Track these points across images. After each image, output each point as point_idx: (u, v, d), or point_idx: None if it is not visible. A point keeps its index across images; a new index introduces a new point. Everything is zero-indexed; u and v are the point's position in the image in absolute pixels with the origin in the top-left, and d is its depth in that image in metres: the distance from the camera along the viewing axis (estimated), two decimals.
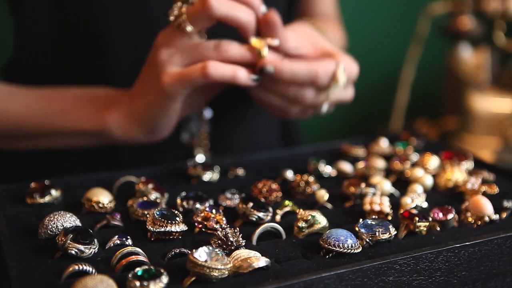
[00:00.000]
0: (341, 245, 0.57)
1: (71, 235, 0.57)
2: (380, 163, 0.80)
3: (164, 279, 0.51)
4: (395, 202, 0.69)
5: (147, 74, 0.75)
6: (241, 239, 0.59)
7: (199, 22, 0.71)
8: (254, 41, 0.73)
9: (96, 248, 0.58)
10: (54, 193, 0.69)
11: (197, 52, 0.72)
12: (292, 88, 0.75)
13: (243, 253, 0.56)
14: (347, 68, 0.77)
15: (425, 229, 0.62)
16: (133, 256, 0.56)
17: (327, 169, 0.79)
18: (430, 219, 0.63)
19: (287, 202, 0.68)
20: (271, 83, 0.75)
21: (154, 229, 0.60)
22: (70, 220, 0.61)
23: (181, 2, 0.71)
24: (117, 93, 0.80)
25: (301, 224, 0.62)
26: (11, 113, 0.81)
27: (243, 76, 0.72)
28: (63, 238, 0.56)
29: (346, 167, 0.79)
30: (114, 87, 0.82)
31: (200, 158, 0.90)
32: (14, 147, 0.86)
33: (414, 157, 0.83)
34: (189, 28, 0.71)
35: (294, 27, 0.79)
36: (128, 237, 0.60)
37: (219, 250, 0.54)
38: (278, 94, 0.76)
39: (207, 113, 0.89)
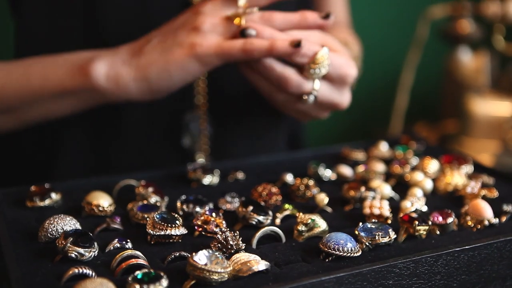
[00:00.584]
0: (340, 249, 0.57)
1: (71, 239, 0.57)
2: (380, 167, 0.80)
3: (164, 282, 0.51)
4: (395, 206, 0.69)
5: (175, 33, 0.74)
6: (241, 242, 0.59)
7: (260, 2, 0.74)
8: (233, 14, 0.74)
9: (96, 251, 0.58)
10: (54, 196, 0.69)
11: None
12: (275, 69, 0.73)
13: (243, 256, 0.56)
14: (340, 66, 0.74)
15: (424, 232, 0.62)
16: (133, 259, 0.56)
17: (327, 173, 0.79)
18: (430, 222, 0.63)
19: (287, 206, 0.68)
20: (255, 62, 0.73)
21: (154, 232, 0.60)
22: (70, 223, 0.61)
23: None
24: (97, 51, 0.78)
25: (301, 227, 0.62)
26: None
27: (281, 45, 0.71)
28: (63, 242, 0.57)
29: (346, 170, 0.80)
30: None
31: (201, 162, 0.90)
32: None
33: (414, 161, 0.83)
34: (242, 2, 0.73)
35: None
36: (128, 240, 0.60)
37: (219, 254, 0.54)
38: (263, 75, 0.74)
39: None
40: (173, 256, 0.58)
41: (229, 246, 0.58)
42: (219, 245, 0.58)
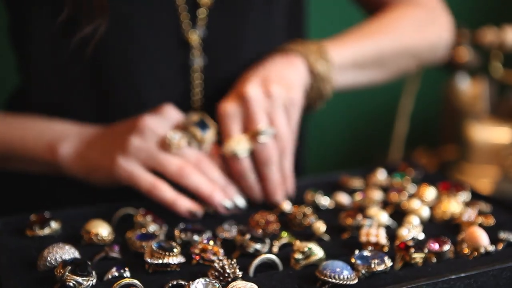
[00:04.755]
0: (337, 277, 0.58)
1: (69, 267, 0.57)
2: (377, 195, 0.80)
3: None
4: (392, 234, 0.69)
5: (109, 141, 0.80)
6: (238, 270, 0.59)
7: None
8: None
9: (94, 280, 0.58)
10: (54, 225, 0.70)
11: (159, 164, 0.76)
12: None
13: (239, 284, 0.56)
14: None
15: (421, 260, 0.63)
16: None
17: (324, 201, 0.79)
18: (426, 250, 0.63)
19: (284, 234, 0.69)
20: None
21: (152, 261, 0.61)
22: (69, 252, 0.62)
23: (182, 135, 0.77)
24: (71, 129, 0.85)
25: (298, 255, 0.63)
26: None
27: (183, 205, 0.75)
28: (61, 270, 0.57)
29: (344, 198, 0.80)
30: (116, 122, 0.84)
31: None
32: None
33: (412, 188, 0.83)
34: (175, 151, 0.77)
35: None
36: (126, 268, 0.61)
37: (216, 282, 0.55)
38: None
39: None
40: (170, 284, 0.58)
41: (226, 274, 0.59)
42: (216, 273, 0.59)
